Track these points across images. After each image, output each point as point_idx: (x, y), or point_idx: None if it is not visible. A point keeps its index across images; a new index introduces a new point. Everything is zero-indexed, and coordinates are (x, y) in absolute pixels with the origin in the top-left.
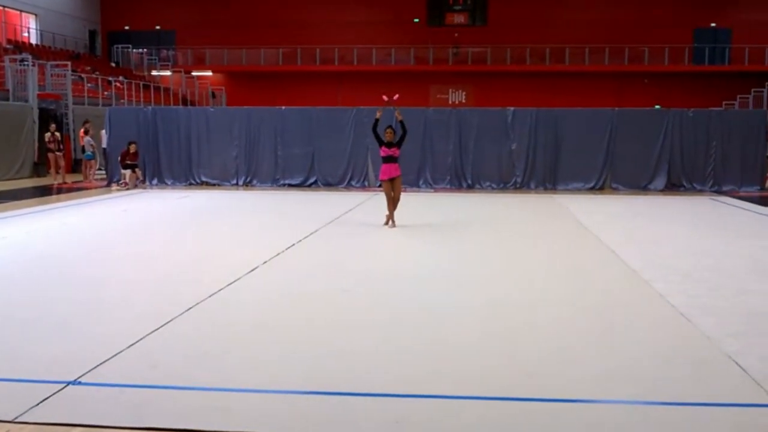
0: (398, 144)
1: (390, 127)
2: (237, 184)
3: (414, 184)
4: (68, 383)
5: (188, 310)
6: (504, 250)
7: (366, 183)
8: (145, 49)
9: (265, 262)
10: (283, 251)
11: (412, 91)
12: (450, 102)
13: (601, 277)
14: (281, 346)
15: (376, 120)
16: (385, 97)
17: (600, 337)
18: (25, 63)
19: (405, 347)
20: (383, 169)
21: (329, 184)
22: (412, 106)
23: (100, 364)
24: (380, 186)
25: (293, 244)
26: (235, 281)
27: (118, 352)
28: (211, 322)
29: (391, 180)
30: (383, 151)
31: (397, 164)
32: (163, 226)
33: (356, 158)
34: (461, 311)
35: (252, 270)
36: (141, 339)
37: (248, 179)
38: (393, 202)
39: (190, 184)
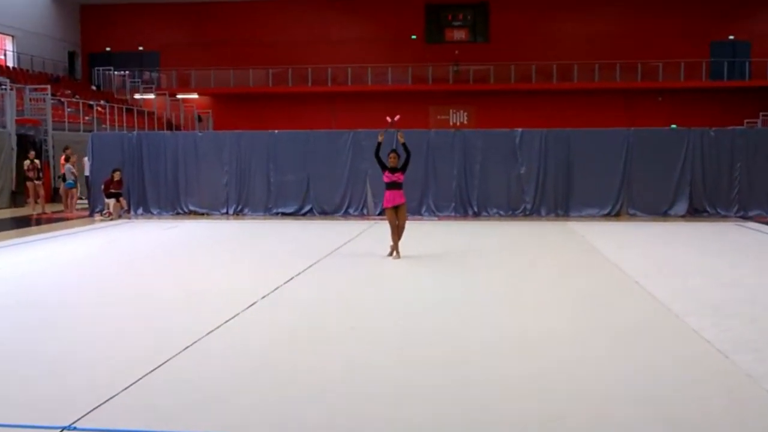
0: (402, 169)
1: (394, 151)
2: (227, 213)
3: (416, 212)
4: (63, 428)
5: (185, 349)
6: (517, 282)
7: (365, 211)
8: (127, 72)
9: (264, 297)
10: (282, 285)
11: (410, 112)
12: (451, 123)
13: (628, 311)
14: (288, 390)
15: (379, 144)
16: (388, 119)
17: (634, 378)
18: (3, 87)
19: (429, 389)
20: (387, 196)
21: (325, 213)
22: (410, 128)
23: (96, 407)
24: (380, 214)
25: (292, 278)
26: (233, 317)
27: (114, 395)
28: (210, 362)
29: (396, 207)
30: (387, 177)
31: (402, 191)
32: (152, 259)
33: (354, 184)
34: (481, 348)
35: (251, 305)
36: (137, 381)
37: (239, 208)
38: (398, 232)
39: (178, 213)
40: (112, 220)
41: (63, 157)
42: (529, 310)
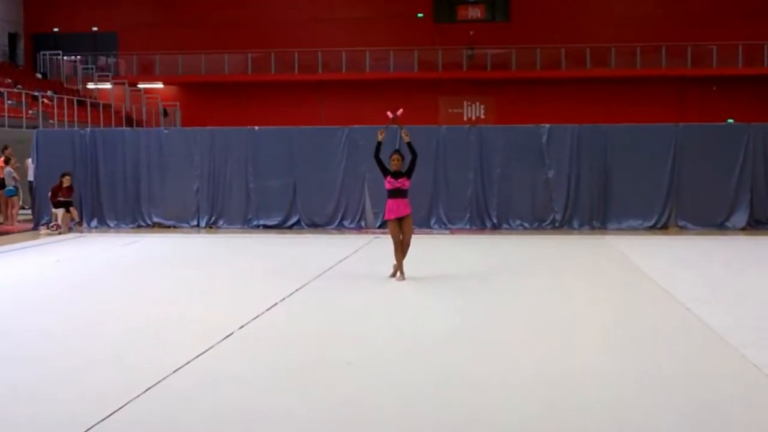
0: (407, 173)
1: (397, 152)
2: (198, 225)
3: (424, 224)
4: None
5: (149, 389)
6: (545, 309)
7: (362, 223)
8: (78, 57)
9: (241, 327)
10: (263, 312)
11: (416, 104)
12: (465, 118)
13: (678, 343)
14: None
15: (378, 144)
16: (390, 114)
17: (690, 422)
18: None
19: None
20: (389, 205)
21: (315, 225)
22: (417, 124)
23: None
24: (380, 227)
25: (276, 304)
26: (204, 352)
27: None
28: (178, 405)
29: (400, 219)
30: (389, 183)
31: (407, 199)
32: (108, 282)
33: (349, 191)
34: (501, 389)
35: (226, 337)
36: (93, 426)
37: (212, 220)
38: (402, 248)
39: (140, 226)
40: (60, 234)
41: (2, 158)
42: (558, 344)
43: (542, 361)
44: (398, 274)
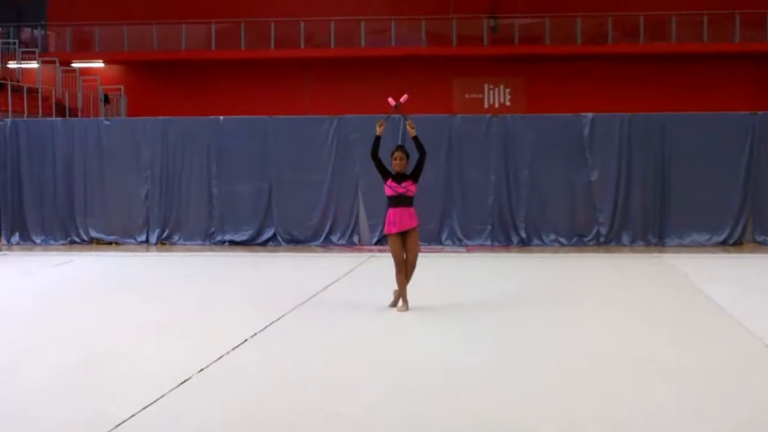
0: (413, 176)
1: (401, 148)
2: (147, 241)
3: (433, 240)
4: None
5: None
6: (584, 347)
7: (355, 239)
8: None
9: (201, 371)
10: (228, 352)
11: (424, 88)
12: (486, 105)
13: (753, 387)
14: None
15: (377, 138)
16: (391, 101)
17: None
18: None
19: None
20: (390, 216)
21: (296, 241)
22: (425, 113)
23: None
24: (378, 244)
25: (245, 341)
26: (155, 402)
27: None
28: None
29: (404, 234)
30: (390, 188)
31: (413, 208)
32: (31, 312)
33: (339, 198)
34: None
35: (182, 383)
36: None
37: (165, 234)
38: (406, 270)
39: (73, 242)
40: None
41: None
42: (602, 396)
43: (579, 411)
44: (400, 302)
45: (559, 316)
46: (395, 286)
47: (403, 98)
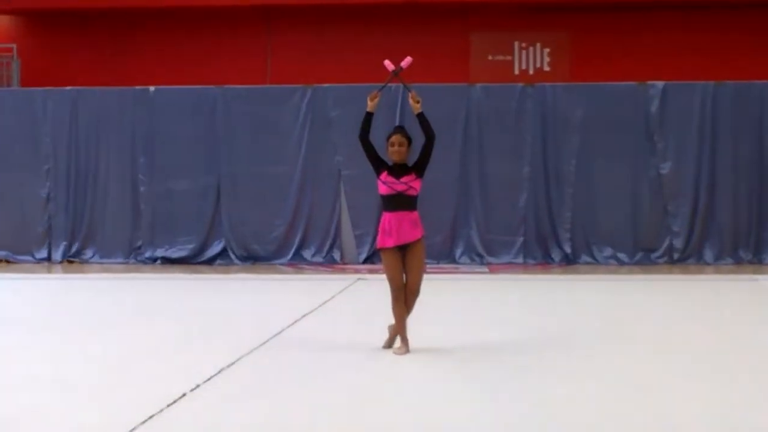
0: (417, 168)
1: (400, 130)
2: (49, 259)
3: (444, 256)
4: None
5: None
6: (650, 401)
7: (336, 255)
8: None
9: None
10: (162, 410)
11: (433, 47)
12: (517, 71)
13: None
14: None
15: (368, 116)
16: (389, 65)
17: None
18: None
19: None
20: (385, 223)
21: (254, 258)
22: (437, 82)
23: None
24: (367, 261)
25: (183, 395)
26: None
27: None
28: None
29: (403, 249)
30: (385, 184)
31: (416, 213)
32: None
33: (314, 199)
34: None
35: None
36: None
37: (75, 249)
38: (407, 298)
39: None
40: None
41: None
42: None
43: None
44: (398, 342)
45: (614, 359)
46: (391, 320)
47: (406, 62)
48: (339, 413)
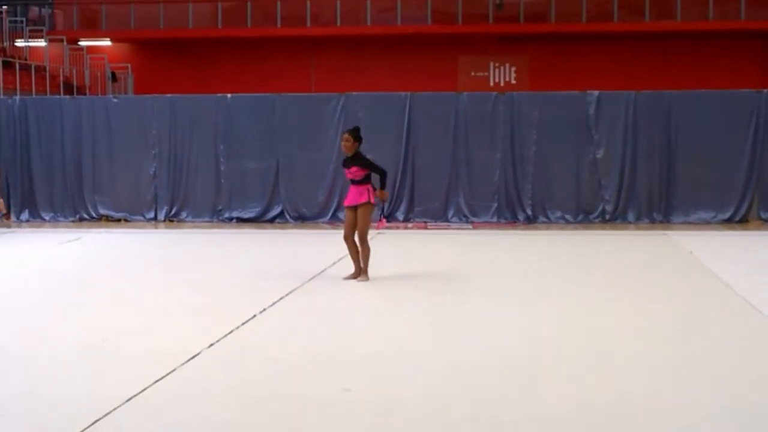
0: (364, 165)
1: (350, 131)
2: (156, 218)
3: (440, 216)
4: None
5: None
6: (590, 324)
7: None
8: (5, 7)
9: (211, 345)
10: (237, 328)
11: (430, 66)
12: (491, 83)
13: (763, 365)
14: None
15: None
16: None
17: None
18: None
19: None
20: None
21: (303, 218)
22: (432, 91)
23: None
24: (387, 219)
25: (254, 316)
26: (166, 375)
27: None
28: None
29: (354, 209)
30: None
31: (364, 186)
32: (39, 290)
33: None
34: (539, 424)
35: (191, 359)
36: None
37: (173, 211)
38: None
39: (82, 219)
40: None
41: None
42: (604, 368)
43: (586, 390)
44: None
45: (563, 292)
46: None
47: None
48: (359, 329)
